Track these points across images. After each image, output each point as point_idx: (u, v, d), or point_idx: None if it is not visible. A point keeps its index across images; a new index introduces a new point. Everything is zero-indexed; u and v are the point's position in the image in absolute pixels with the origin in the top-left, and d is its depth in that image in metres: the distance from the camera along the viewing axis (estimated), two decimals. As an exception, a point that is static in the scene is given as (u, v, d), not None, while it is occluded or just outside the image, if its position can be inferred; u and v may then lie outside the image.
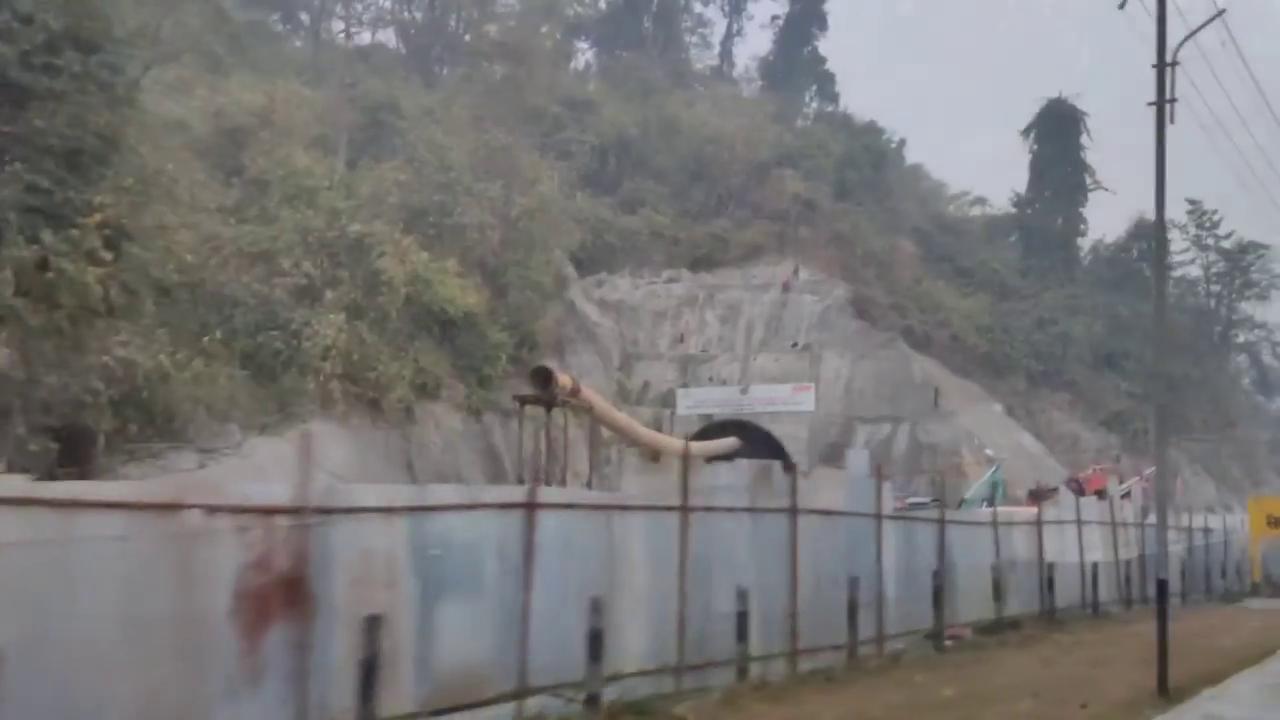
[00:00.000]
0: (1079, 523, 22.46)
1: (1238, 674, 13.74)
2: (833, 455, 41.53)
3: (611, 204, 56.50)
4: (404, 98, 47.01)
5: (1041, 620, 19.52)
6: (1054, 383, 53.96)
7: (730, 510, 12.23)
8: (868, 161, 65.45)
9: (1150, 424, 53.42)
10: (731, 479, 12.91)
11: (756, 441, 41.24)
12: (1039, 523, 20.91)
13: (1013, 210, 68.74)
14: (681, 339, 48.84)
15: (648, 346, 48.69)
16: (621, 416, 32.47)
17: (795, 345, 46.74)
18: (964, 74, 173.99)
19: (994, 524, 19.24)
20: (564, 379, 25.97)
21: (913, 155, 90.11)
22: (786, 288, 50.14)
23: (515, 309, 40.24)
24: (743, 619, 11.68)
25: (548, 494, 10.26)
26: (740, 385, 43.62)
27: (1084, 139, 66.13)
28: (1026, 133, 67.03)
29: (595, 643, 9.46)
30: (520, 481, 26.91)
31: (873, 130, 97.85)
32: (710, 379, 45.31)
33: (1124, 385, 59.61)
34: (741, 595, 11.68)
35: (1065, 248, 65.56)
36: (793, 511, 13.18)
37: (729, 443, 41.12)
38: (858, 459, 17.27)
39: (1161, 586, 12.67)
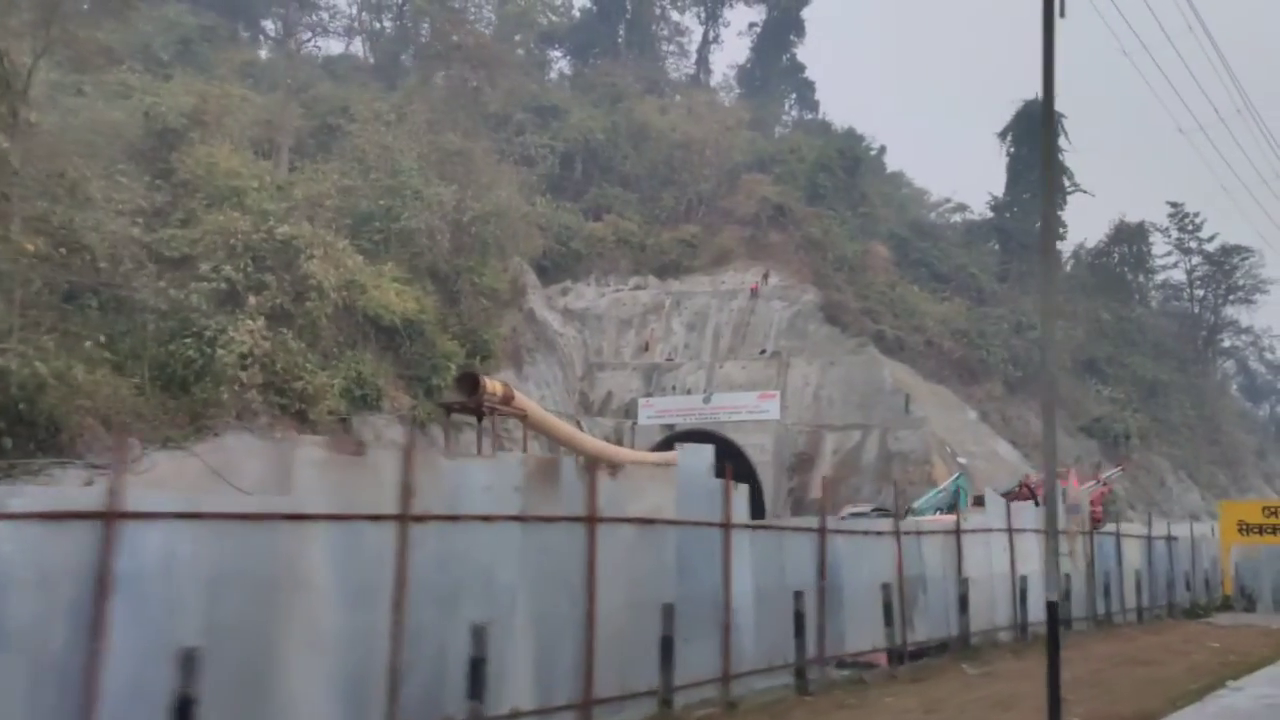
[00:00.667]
0: (1009, 531, 19.08)
1: (1169, 717, 11.22)
2: (801, 465, 40.10)
3: (577, 211, 55.22)
4: (358, 102, 45.58)
5: (955, 646, 16.77)
6: (1032, 388, 52.44)
7: (487, 519, 9.32)
8: (842, 166, 64.14)
9: (1131, 429, 52.22)
10: (490, 478, 9.79)
11: (720, 452, 39.71)
12: (957, 531, 17.68)
13: (990, 214, 67.45)
14: (646, 347, 47.41)
15: (612, 355, 47.24)
16: (563, 426, 30.91)
17: (764, 352, 45.31)
18: (948, 81, 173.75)
19: (897, 533, 16.00)
20: (493, 385, 24.41)
21: (896, 163, 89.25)
22: (755, 293, 48.77)
23: (467, 316, 38.75)
24: (478, 667, 8.60)
25: (145, 499, 6.81)
26: (704, 393, 42.11)
27: (1062, 141, 64.91)
28: (1003, 135, 65.92)
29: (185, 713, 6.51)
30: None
31: (851, 137, 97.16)
32: (674, 388, 43.84)
33: (1105, 391, 58.34)
34: (478, 635, 8.64)
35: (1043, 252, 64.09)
36: (590, 520, 10.34)
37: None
38: (695, 456, 13.04)
39: (1051, 611, 10.13)
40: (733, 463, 13.82)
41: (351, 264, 30.50)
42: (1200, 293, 74.10)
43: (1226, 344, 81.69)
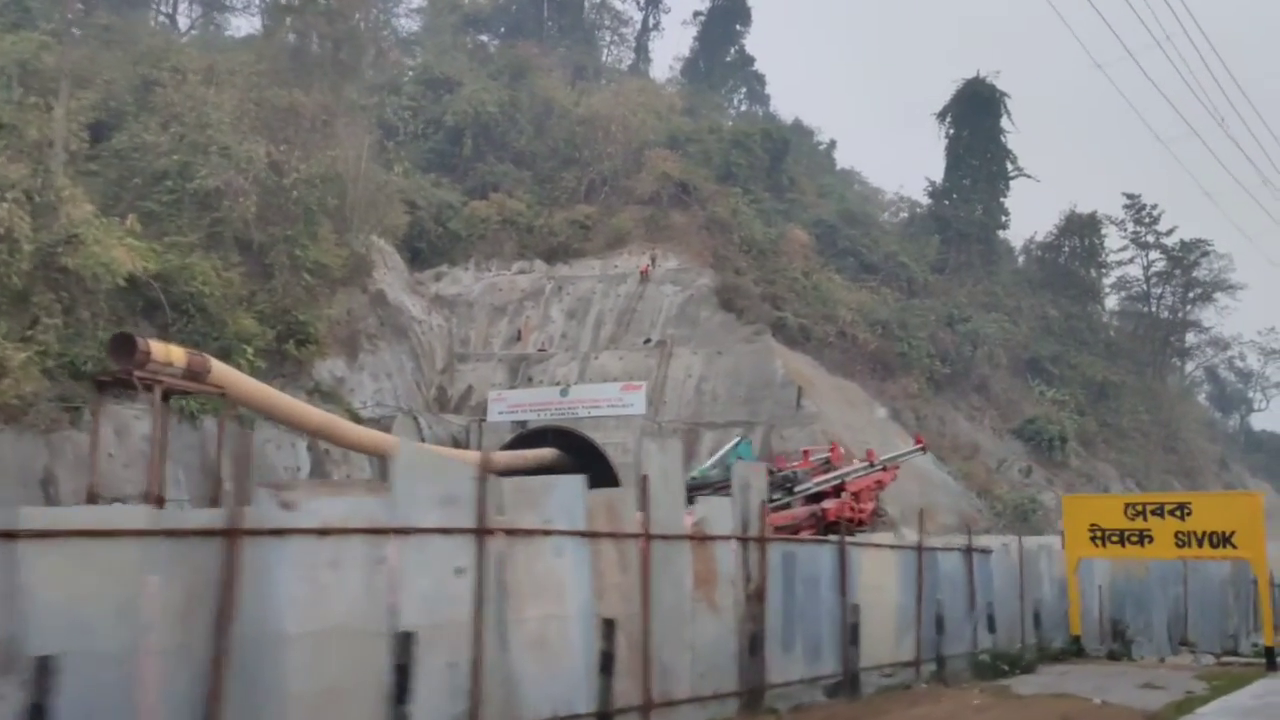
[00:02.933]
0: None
1: None
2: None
3: (459, 189, 49.90)
4: (184, 56, 40.13)
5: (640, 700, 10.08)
6: (960, 386, 47.32)
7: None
8: (767, 149, 59.00)
9: (1068, 432, 46.95)
10: None
11: (575, 451, 34.35)
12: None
13: (929, 202, 62.32)
14: (519, 337, 41.96)
15: (479, 345, 41.78)
16: (300, 409, 25.22)
17: (647, 341, 39.91)
18: (899, 72, 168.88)
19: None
20: (166, 352, 18.78)
21: (851, 160, 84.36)
22: (645, 277, 43.44)
23: (281, 294, 33.29)
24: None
25: None
26: (560, 385, 36.63)
27: (1004, 122, 60.05)
28: (942, 116, 60.89)
29: None
30: (215, 501, 19.88)
31: (799, 130, 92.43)
32: (541, 381, 38.37)
33: (1050, 392, 53.11)
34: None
35: (985, 241, 59.11)
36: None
37: (542, 454, 34.28)
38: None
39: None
40: (591, 464, 8.51)
41: (76, 214, 24.96)
42: (1158, 290, 69.06)
43: (1189, 345, 76.59)
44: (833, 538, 14.83)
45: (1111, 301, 71.68)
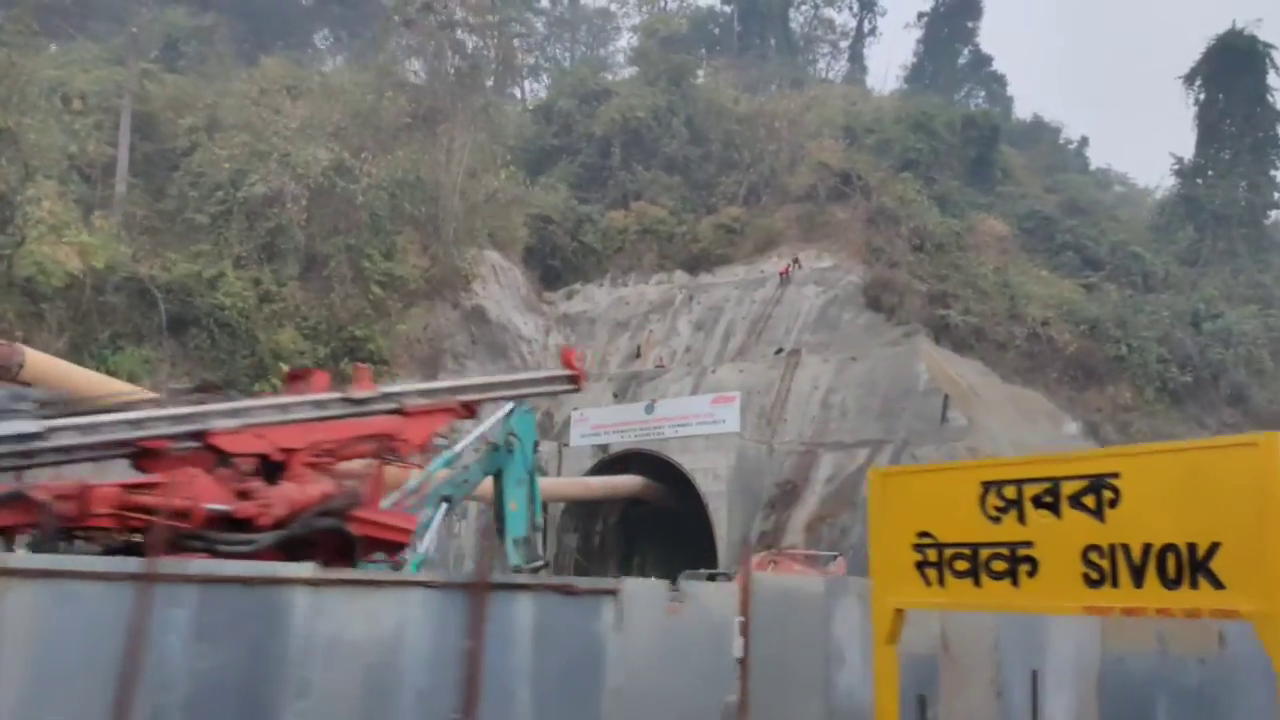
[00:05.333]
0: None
1: None
2: (784, 498, 28.29)
3: (604, 202, 45.90)
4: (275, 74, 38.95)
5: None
6: (1207, 396, 37.17)
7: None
8: (972, 139, 51.04)
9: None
10: None
11: (664, 478, 28.86)
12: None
13: (1177, 183, 51.40)
14: (639, 353, 36.97)
15: (595, 365, 37.12)
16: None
17: (779, 352, 33.71)
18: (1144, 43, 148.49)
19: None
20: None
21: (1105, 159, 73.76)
22: (785, 279, 37.30)
23: (339, 307, 30.35)
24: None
25: None
26: (647, 402, 31.11)
27: (1271, 79, 48.66)
28: (1190, 79, 50.19)
29: None
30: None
31: (1038, 127, 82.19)
32: (647, 400, 33.05)
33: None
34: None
35: (1250, 223, 47.69)
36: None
37: (624, 482, 29.05)
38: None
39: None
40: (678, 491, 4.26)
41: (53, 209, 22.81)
42: None
43: None
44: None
45: None
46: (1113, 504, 3.75)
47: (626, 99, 49.07)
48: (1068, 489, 3.93)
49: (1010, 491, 4.05)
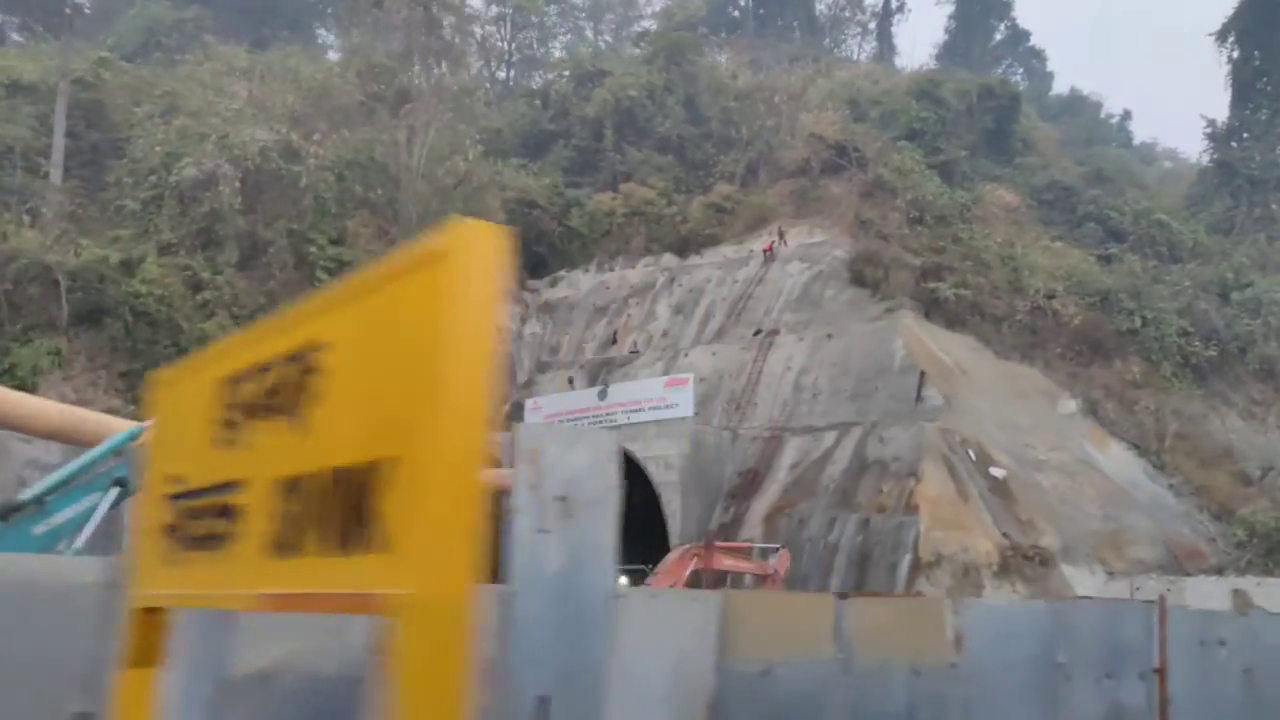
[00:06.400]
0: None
1: None
2: (746, 487, 26.16)
3: (593, 185, 44.11)
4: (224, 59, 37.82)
5: None
6: (1235, 372, 34.14)
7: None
8: (989, 110, 48.24)
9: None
10: None
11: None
12: None
13: (1209, 146, 48.00)
14: (614, 339, 35.06)
15: (571, 352, 35.36)
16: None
17: (758, 333, 31.56)
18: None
19: None
20: None
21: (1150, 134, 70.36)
22: (769, 256, 35.13)
23: (281, 294, 28.90)
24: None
25: None
26: (599, 386, 29.16)
27: (1311, 29, 45.04)
28: (1222, 36, 46.85)
29: None
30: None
31: (1077, 101, 78.82)
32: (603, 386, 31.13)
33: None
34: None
35: (1288, 187, 44.26)
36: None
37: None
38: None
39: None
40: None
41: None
42: None
43: None
44: None
45: None
46: (320, 399, 1.72)
47: (619, 78, 47.19)
48: (273, 378, 1.91)
49: (233, 393, 1.88)
